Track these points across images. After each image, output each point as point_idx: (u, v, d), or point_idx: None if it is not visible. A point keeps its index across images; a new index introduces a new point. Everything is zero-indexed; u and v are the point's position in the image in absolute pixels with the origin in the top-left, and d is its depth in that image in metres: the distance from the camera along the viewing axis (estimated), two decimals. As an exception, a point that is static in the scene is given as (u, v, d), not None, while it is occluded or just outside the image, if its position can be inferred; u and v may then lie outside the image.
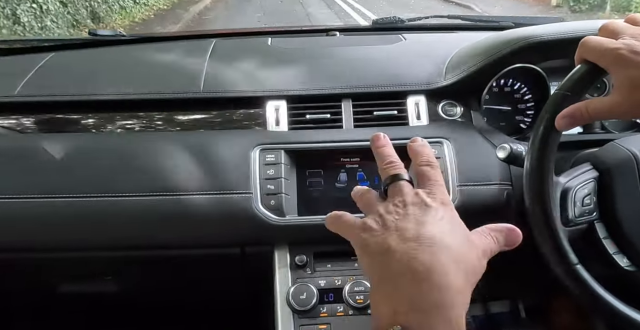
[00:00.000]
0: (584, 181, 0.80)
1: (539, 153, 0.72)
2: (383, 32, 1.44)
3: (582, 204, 0.78)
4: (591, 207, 0.79)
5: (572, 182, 0.80)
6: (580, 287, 0.74)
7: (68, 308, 1.26)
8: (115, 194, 0.92)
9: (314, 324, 0.89)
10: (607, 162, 0.82)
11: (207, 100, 1.07)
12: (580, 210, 0.78)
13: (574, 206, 0.78)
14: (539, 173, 0.73)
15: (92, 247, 0.96)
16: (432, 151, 0.63)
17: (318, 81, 1.08)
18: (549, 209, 0.73)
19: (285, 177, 0.94)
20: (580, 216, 0.78)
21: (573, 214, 0.78)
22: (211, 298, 1.24)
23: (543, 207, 0.73)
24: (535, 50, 1.00)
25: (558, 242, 0.73)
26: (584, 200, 0.79)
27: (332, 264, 0.94)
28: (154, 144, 0.99)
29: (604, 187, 0.81)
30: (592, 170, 0.82)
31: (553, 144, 0.71)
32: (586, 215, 0.79)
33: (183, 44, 1.41)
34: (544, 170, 0.72)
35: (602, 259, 0.81)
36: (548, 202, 0.73)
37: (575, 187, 0.79)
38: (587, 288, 0.73)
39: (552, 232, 0.73)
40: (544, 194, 0.73)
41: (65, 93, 1.07)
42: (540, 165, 0.72)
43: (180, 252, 0.97)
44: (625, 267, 0.79)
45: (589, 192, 0.79)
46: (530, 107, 1.10)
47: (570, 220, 0.78)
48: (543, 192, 0.73)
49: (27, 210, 0.92)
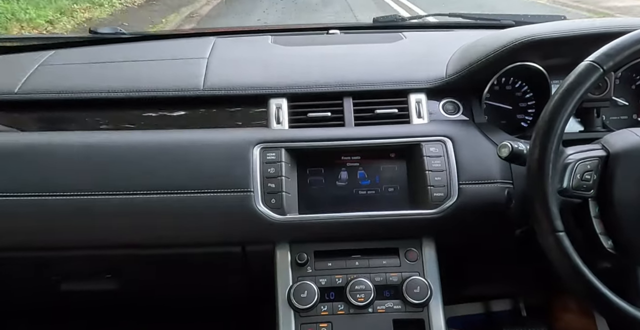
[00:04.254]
0: (590, 157, 0.81)
1: (552, 114, 0.74)
2: (384, 30, 1.44)
3: (581, 177, 0.79)
4: (589, 183, 0.80)
5: (577, 155, 0.81)
6: (561, 255, 0.75)
7: (69, 306, 1.26)
8: (116, 192, 0.92)
9: (314, 322, 0.89)
10: (616, 145, 0.82)
11: (208, 98, 1.07)
12: (578, 183, 0.79)
13: (573, 178, 0.79)
14: (547, 133, 0.75)
15: (92, 246, 0.96)
16: None
17: (319, 79, 1.07)
18: (547, 172, 0.74)
19: (286, 176, 0.94)
20: (577, 189, 0.79)
21: (570, 184, 0.79)
22: (212, 296, 1.24)
23: (541, 168, 0.74)
24: (536, 49, 1.00)
25: (548, 205, 0.75)
26: (584, 174, 0.79)
27: (332, 263, 0.94)
28: (154, 142, 0.98)
29: (608, 168, 0.81)
30: (601, 150, 0.83)
31: (568, 108, 0.74)
32: (582, 190, 0.80)
33: (183, 42, 1.41)
34: (552, 131, 0.75)
35: (587, 237, 0.82)
36: (547, 165, 0.74)
37: (579, 160, 0.80)
38: (567, 257, 0.74)
39: (544, 194, 0.75)
40: (545, 156, 0.75)
41: (66, 91, 1.07)
42: (550, 126, 0.75)
43: (181, 251, 0.97)
44: (608, 248, 0.80)
45: (592, 169, 0.80)
46: (531, 106, 1.10)
47: (566, 190, 0.79)
48: (545, 154, 0.75)
49: (27, 208, 0.92)
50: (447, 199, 0.93)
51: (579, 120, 1.09)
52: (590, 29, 1.00)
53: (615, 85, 1.07)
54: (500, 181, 0.95)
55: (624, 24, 0.98)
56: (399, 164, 0.98)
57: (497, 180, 0.95)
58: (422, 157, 0.95)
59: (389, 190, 0.97)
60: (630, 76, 1.12)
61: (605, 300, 0.74)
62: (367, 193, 0.97)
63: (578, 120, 1.09)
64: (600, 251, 0.80)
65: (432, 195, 0.93)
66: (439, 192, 0.93)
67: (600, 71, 0.76)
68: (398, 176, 0.98)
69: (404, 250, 0.95)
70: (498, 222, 0.95)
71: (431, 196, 0.93)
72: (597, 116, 1.07)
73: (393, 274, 0.93)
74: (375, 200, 0.96)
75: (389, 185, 0.97)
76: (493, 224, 0.96)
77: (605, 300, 0.74)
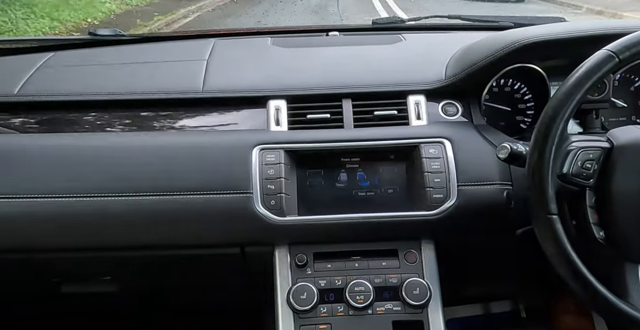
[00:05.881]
0: (593, 147, 0.81)
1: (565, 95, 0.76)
2: (383, 32, 1.44)
3: (582, 165, 0.80)
4: (589, 172, 0.80)
5: (581, 143, 0.81)
6: (551, 238, 0.76)
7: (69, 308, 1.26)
8: (115, 194, 0.92)
9: (314, 324, 0.89)
10: (621, 138, 0.83)
11: (207, 100, 1.07)
12: (578, 170, 0.80)
13: (574, 164, 0.80)
14: (556, 112, 0.76)
15: (91, 248, 0.95)
16: None
17: (318, 81, 1.07)
18: (548, 155, 0.75)
19: (285, 177, 0.94)
20: (576, 176, 0.80)
21: (570, 170, 0.79)
22: (211, 298, 1.24)
23: (544, 148, 0.76)
24: (535, 51, 1.00)
25: (545, 186, 0.75)
26: (585, 163, 0.80)
27: (332, 264, 0.94)
28: (154, 144, 0.99)
29: (610, 159, 0.81)
30: (606, 142, 0.83)
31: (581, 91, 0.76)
32: (581, 178, 0.80)
33: (183, 43, 1.41)
34: (561, 111, 0.76)
35: (579, 226, 0.82)
36: (551, 146, 0.75)
37: (582, 148, 0.81)
38: (556, 241, 0.75)
39: (542, 176, 0.76)
40: (549, 135, 0.76)
41: (65, 93, 1.07)
42: (561, 106, 0.76)
43: (180, 252, 0.97)
44: (599, 239, 0.80)
45: (594, 158, 0.81)
46: (530, 107, 1.11)
47: (565, 175, 0.79)
48: (550, 133, 0.76)
49: (26, 210, 0.91)
50: (446, 200, 0.93)
51: (578, 121, 1.09)
52: (589, 31, 1.00)
53: (614, 86, 1.07)
54: (499, 182, 0.95)
55: (623, 25, 0.99)
56: (398, 165, 0.98)
57: (496, 181, 0.95)
58: (421, 159, 0.95)
59: (388, 192, 0.97)
60: (628, 78, 1.12)
61: (591, 287, 0.75)
62: (367, 194, 0.97)
63: (577, 122, 1.09)
64: (591, 241, 0.81)
65: (431, 197, 0.93)
66: (438, 194, 0.93)
67: (616, 60, 0.77)
68: (397, 177, 0.98)
69: (404, 251, 0.95)
70: (497, 224, 0.95)
71: (430, 198, 0.93)
72: (595, 117, 1.07)
73: (392, 275, 0.93)
74: (375, 202, 0.96)
75: (388, 187, 0.97)
76: (492, 225, 0.96)
77: (591, 287, 0.75)
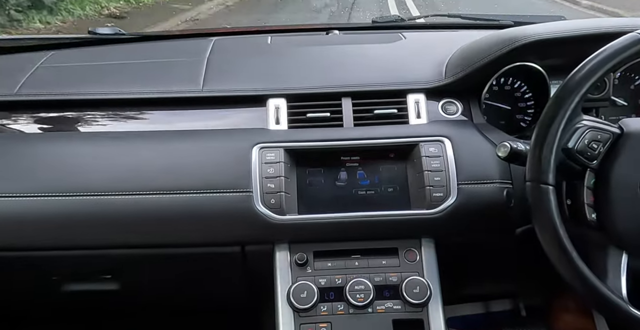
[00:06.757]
0: (603, 130, 0.81)
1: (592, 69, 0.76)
2: (383, 30, 1.44)
3: (588, 144, 0.79)
4: (594, 153, 0.80)
5: (592, 123, 0.81)
6: (541, 205, 0.76)
7: (70, 307, 1.26)
8: (114, 193, 0.92)
9: (314, 322, 0.89)
10: (632, 126, 0.82)
11: (207, 99, 1.07)
12: (583, 147, 0.79)
13: (580, 141, 0.79)
14: (579, 85, 0.76)
15: (92, 246, 0.95)
16: None
17: (318, 80, 1.07)
18: (558, 125, 0.76)
19: (285, 176, 0.94)
20: (580, 154, 0.79)
21: (575, 146, 0.79)
22: (212, 296, 1.24)
23: (553, 119, 0.76)
24: (535, 49, 1.00)
25: (548, 155, 0.76)
26: (591, 142, 0.80)
27: (332, 263, 0.94)
28: (153, 143, 0.99)
29: (617, 144, 0.81)
30: (617, 128, 0.83)
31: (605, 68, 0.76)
32: (585, 157, 0.80)
33: (183, 42, 1.41)
34: (584, 83, 0.76)
35: (573, 205, 0.82)
36: (562, 118, 0.76)
37: (591, 127, 0.80)
38: (546, 211, 0.75)
39: (544, 145, 0.76)
40: (563, 106, 0.76)
41: (65, 92, 1.07)
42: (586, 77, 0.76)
43: (180, 251, 0.97)
44: (590, 220, 0.80)
45: (601, 140, 0.80)
46: (530, 106, 1.10)
47: (570, 150, 0.79)
48: (564, 104, 0.76)
49: (27, 209, 0.92)
50: (446, 199, 0.93)
51: None
52: (590, 29, 1.00)
53: (614, 85, 1.07)
54: (499, 181, 0.95)
55: (624, 24, 0.99)
56: (398, 164, 0.98)
57: (495, 180, 0.95)
58: (421, 157, 0.95)
59: (388, 190, 0.97)
60: (629, 76, 1.12)
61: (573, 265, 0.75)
62: (367, 193, 0.97)
63: None
64: (582, 221, 0.81)
65: (431, 195, 0.93)
66: (438, 192, 0.93)
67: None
68: (397, 176, 0.98)
69: (404, 250, 0.95)
70: (497, 222, 0.95)
71: (430, 196, 0.93)
72: (595, 116, 1.07)
73: (392, 274, 0.93)
74: (375, 201, 0.96)
75: (388, 186, 0.97)
76: (492, 223, 0.96)
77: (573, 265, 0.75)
